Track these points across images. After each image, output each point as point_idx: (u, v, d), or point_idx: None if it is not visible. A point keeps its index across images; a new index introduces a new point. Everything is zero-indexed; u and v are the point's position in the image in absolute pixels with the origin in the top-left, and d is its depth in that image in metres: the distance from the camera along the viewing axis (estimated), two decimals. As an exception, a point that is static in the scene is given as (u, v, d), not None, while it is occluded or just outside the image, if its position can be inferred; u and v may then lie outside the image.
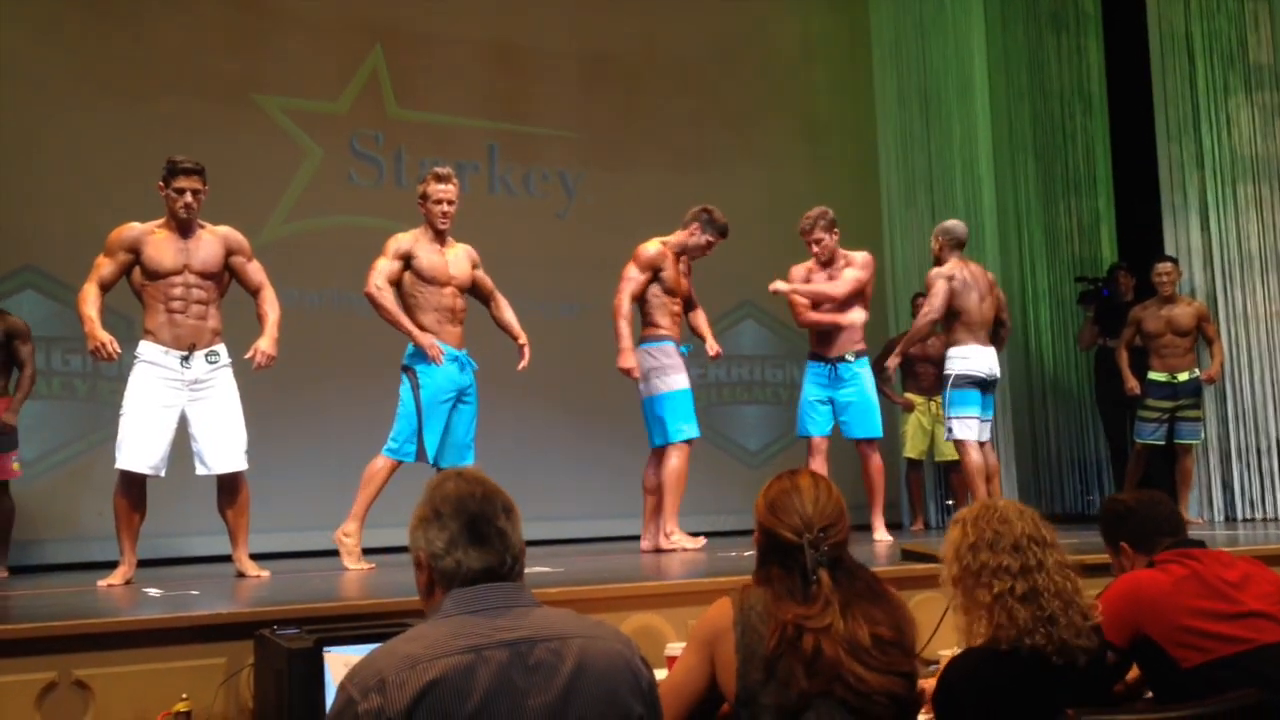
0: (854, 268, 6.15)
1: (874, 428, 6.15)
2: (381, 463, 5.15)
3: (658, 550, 5.61)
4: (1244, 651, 2.58)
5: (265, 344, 4.91)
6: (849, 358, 6.15)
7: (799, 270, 6.25)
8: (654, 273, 5.75)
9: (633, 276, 5.76)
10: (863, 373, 6.18)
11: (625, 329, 5.68)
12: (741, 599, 2.33)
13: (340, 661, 2.59)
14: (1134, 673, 2.82)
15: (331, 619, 3.04)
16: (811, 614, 2.24)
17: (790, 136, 9.03)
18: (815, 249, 6.16)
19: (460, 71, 8.15)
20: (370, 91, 7.96)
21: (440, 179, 5.27)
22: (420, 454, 5.13)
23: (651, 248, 5.79)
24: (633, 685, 1.89)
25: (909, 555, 3.48)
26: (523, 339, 5.50)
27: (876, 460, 6.19)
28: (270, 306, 5.00)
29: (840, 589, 2.28)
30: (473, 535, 1.93)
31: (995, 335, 6.53)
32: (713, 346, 5.97)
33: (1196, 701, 2.33)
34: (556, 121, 8.45)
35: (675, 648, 3.00)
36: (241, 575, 4.87)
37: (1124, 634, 2.66)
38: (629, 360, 5.66)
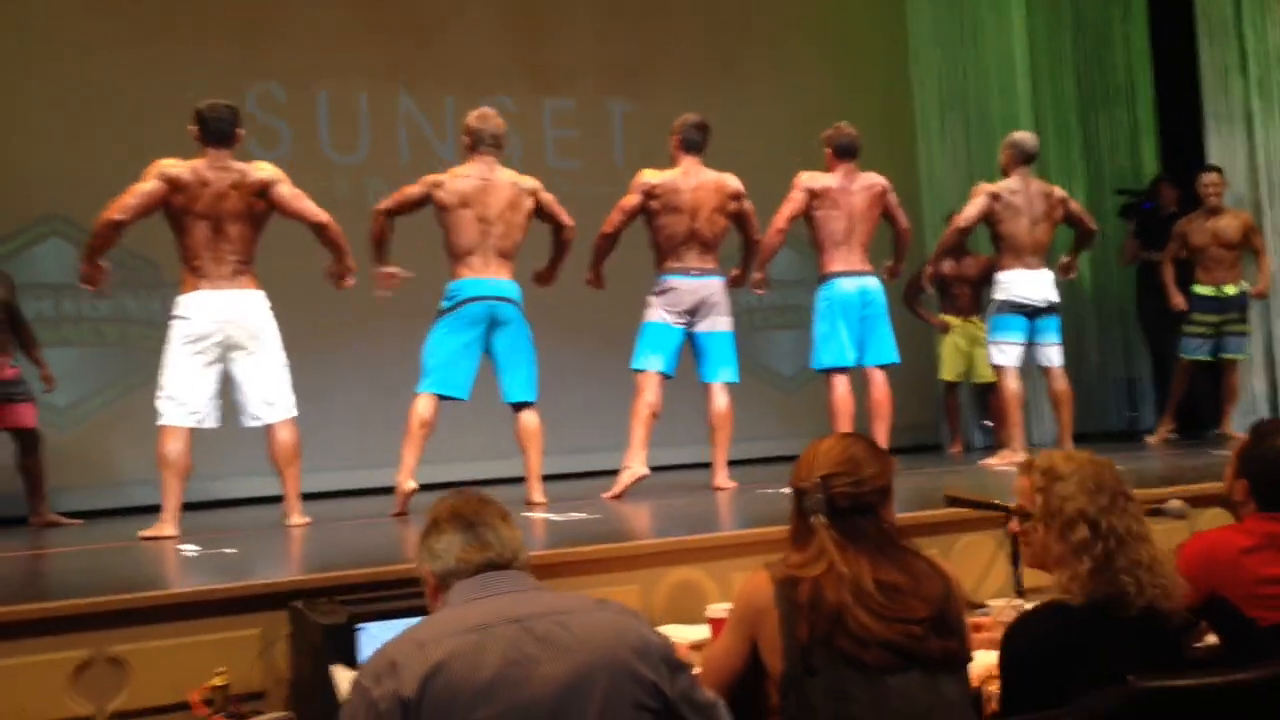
0: None
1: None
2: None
3: (717, 489, 5.53)
4: None
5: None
6: None
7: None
8: None
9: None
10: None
11: None
12: (779, 568, 2.26)
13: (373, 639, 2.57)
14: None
15: (367, 585, 3.01)
16: (804, 560, 2.22)
17: (820, 53, 8.76)
18: None
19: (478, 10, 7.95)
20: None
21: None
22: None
23: None
24: (641, 650, 1.94)
25: (953, 501, 3.38)
26: None
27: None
28: None
29: (844, 539, 2.23)
30: (470, 536, 2.06)
31: (1076, 246, 6.46)
32: None
33: (1271, 661, 2.24)
34: (578, 51, 8.24)
35: (717, 609, 2.93)
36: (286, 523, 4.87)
37: (1197, 593, 2.58)
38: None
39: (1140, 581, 2.25)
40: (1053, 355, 6.33)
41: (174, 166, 4.77)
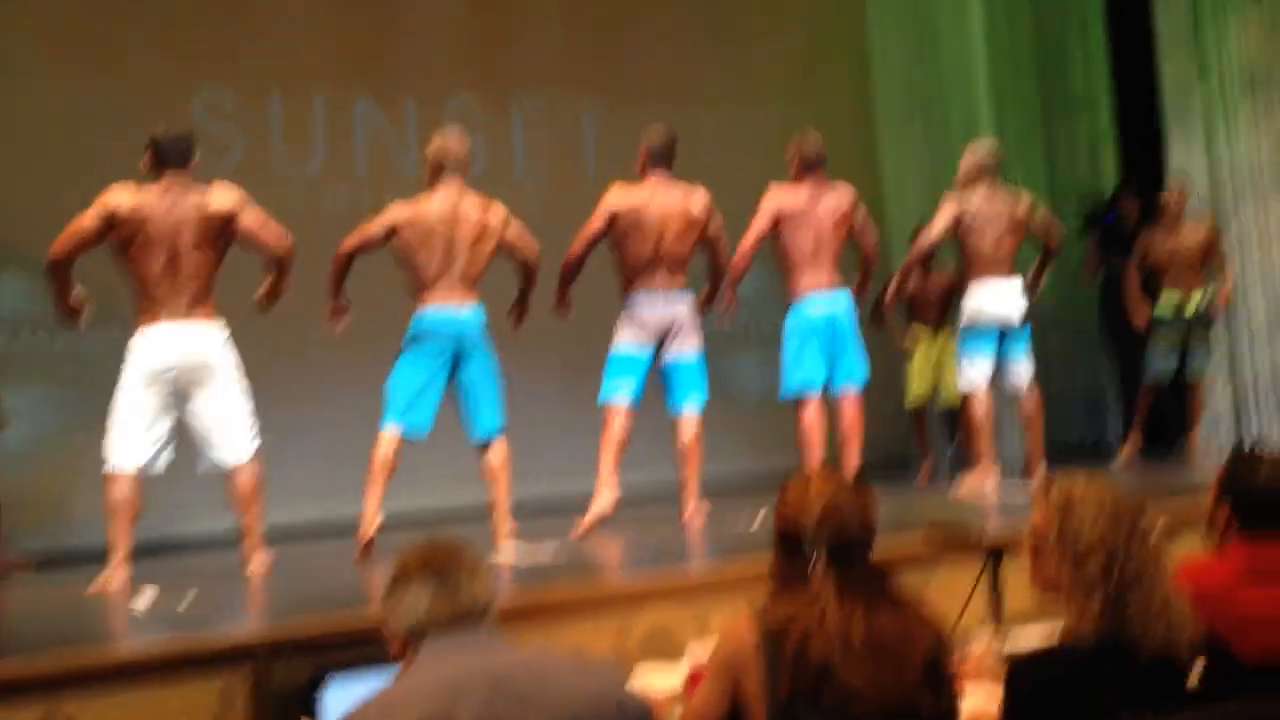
0: None
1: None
2: None
3: (689, 518, 5.44)
4: None
5: None
6: None
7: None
8: None
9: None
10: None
11: None
12: (765, 616, 2.18)
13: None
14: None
15: (332, 638, 2.90)
16: (801, 606, 2.13)
17: (783, 63, 8.74)
18: None
19: (439, 15, 7.86)
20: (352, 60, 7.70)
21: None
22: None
23: None
24: (618, 706, 1.89)
25: (935, 529, 3.32)
26: None
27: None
28: None
29: (842, 584, 2.15)
30: (439, 590, 1.98)
31: (1040, 263, 6.44)
32: None
33: (1260, 696, 2.18)
34: (541, 63, 8.17)
35: (696, 652, 2.85)
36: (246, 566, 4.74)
37: None
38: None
39: (1153, 626, 2.15)
40: (1022, 372, 6.28)
41: (119, 196, 4.59)
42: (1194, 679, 2.56)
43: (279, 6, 7.61)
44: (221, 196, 4.71)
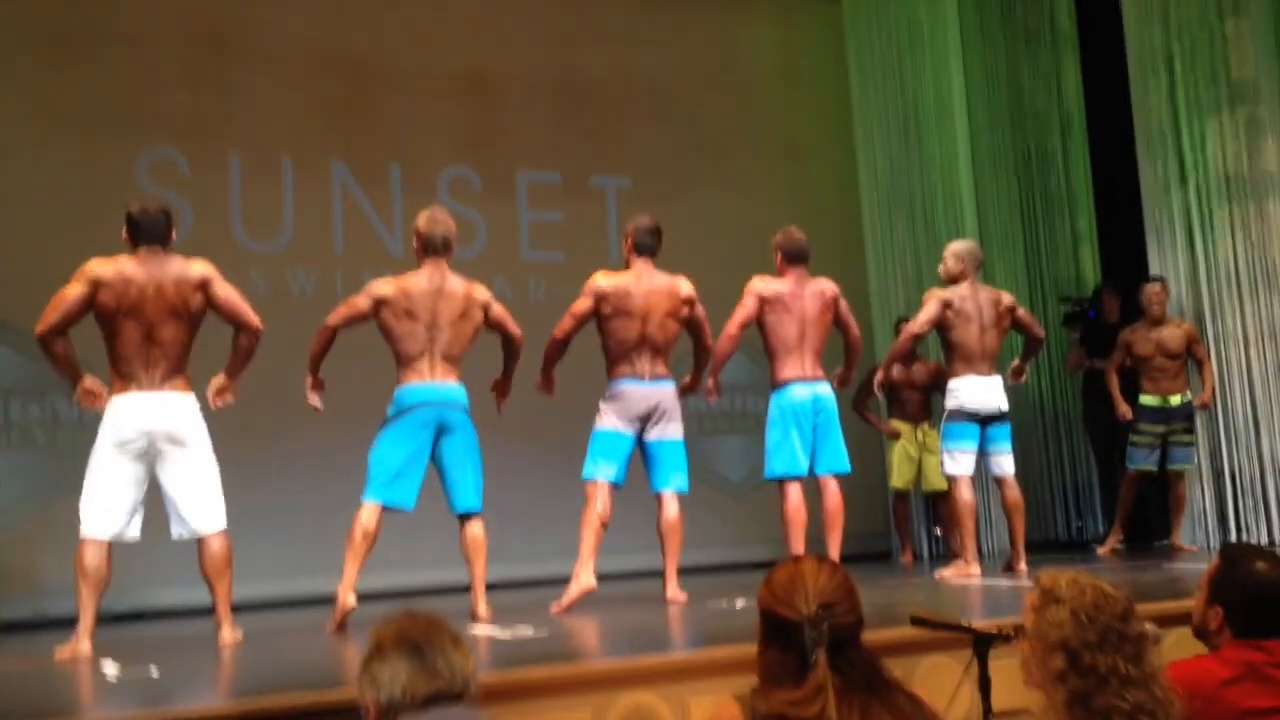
0: None
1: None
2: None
3: (669, 601, 5.37)
4: None
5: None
6: None
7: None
8: None
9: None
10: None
11: None
12: (752, 702, 2.12)
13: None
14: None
15: (303, 714, 2.81)
16: (800, 699, 2.05)
17: (769, 160, 8.87)
18: None
19: (430, 103, 7.91)
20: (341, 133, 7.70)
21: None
22: None
23: None
24: None
25: (918, 622, 3.26)
26: None
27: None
28: None
29: (840, 676, 2.09)
30: (418, 664, 1.93)
31: (1025, 352, 6.48)
32: None
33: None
34: (530, 152, 8.23)
35: (674, 739, 2.79)
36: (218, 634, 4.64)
37: None
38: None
39: None
40: (1005, 464, 6.29)
41: (101, 266, 4.60)
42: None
43: (242, 56, 7.33)
44: (198, 266, 4.74)
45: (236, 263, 4.78)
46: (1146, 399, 7.18)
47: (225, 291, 4.77)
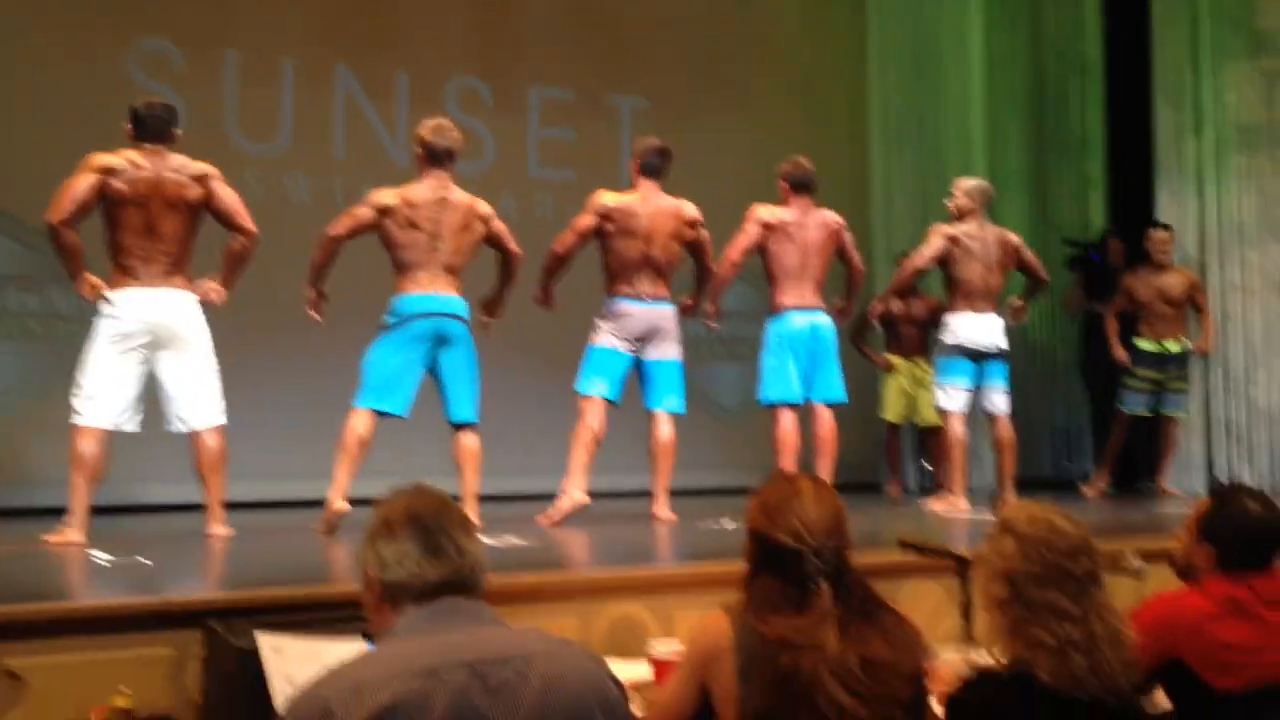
0: None
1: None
2: None
3: (657, 519, 5.39)
4: None
5: None
6: None
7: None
8: None
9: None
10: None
11: None
12: (741, 615, 2.13)
13: (272, 648, 2.39)
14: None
15: (291, 606, 2.83)
16: (805, 626, 2.06)
17: (782, 91, 8.74)
18: None
19: (443, 9, 7.78)
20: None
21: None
22: None
23: None
24: (602, 704, 1.75)
25: (906, 546, 3.29)
26: None
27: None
28: None
29: (839, 604, 2.10)
30: (427, 546, 1.80)
31: (1027, 292, 6.45)
32: None
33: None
34: (544, 66, 8.12)
35: (659, 647, 2.81)
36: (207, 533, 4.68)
37: (1153, 656, 2.50)
38: None
39: (1071, 659, 2.13)
40: (998, 401, 6.30)
41: (106, 158, 4.58)
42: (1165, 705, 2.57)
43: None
44: (199, 165, 4.72)
45: (231, 164, 4.69)
46: (1144, 344, 7.17)
47: (226, 192, 4.78)
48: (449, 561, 1.80)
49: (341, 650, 1.84)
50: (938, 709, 2.29)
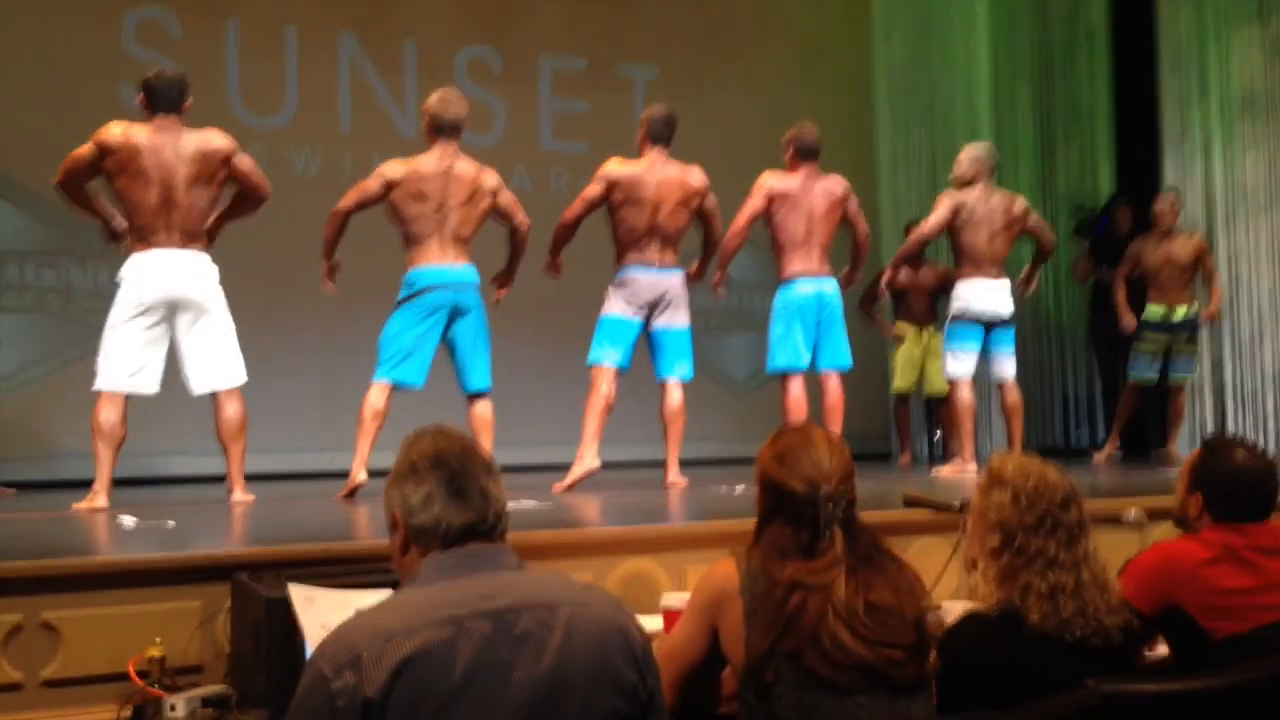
0: None
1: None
2: None
3: (669, 485, 5.46)
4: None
5: None
6: None
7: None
8: None
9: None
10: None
11: None
12: (748, 559, 2.21)
13: (304, 598, 2.47)
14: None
15: (316, 561, 2.92)
16: (817, 569, 2.12)
17: (785, 60, 8.77)
18: None
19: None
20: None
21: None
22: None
23: None
24: (625, 652, 1.79)
25: (911, 502, 3.37)
26: None
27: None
28: None
29: (849, 551, 2.17)
30: (452, 490, 1.82)
31: (1035, 259, 6.46)
32: None
33: (1227, 669, 2.24)
34: (555, 35, 8.14)
35: (671, 599, 2.89)
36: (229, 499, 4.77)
37: (1152, 604, 2.57)
38: None
39: (1058, 605, 2.25)
40: (1006, 368, 6.35)
41: (112, 128, 4.65)
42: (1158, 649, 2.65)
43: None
44: (219, 137, 4.78)
45: (233, 136, 4.76)
46: (1152, 309, 7.20)
47: (246, 164, 4.86)
48: (473, 506, 1.82)
49: (372, 601, 1.90)
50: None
